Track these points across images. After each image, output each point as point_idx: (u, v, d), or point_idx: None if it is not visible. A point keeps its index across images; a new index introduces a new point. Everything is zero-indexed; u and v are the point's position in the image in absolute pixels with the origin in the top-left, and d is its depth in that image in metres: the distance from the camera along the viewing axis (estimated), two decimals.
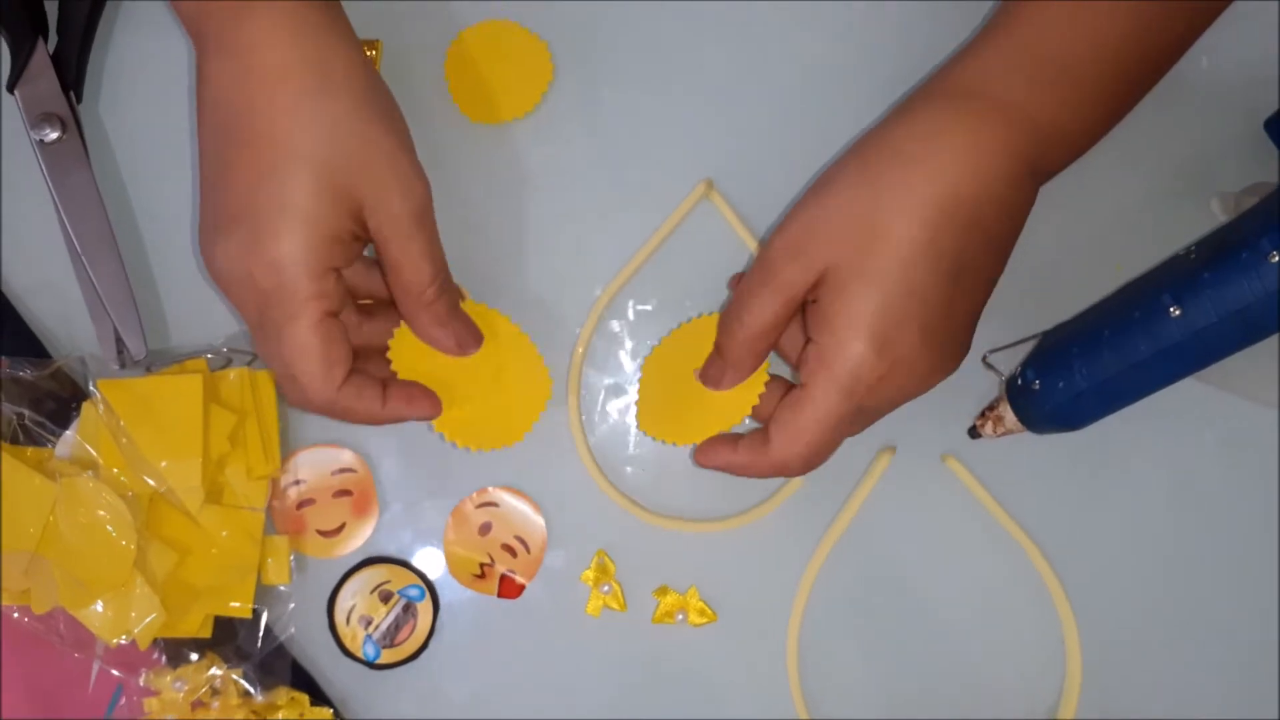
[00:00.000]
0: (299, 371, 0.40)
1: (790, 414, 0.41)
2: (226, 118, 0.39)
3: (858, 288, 0.38)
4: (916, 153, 0.39)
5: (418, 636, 0.50)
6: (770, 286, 0.41)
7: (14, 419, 0.47)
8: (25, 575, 0.46)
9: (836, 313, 0.39)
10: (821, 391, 0.40)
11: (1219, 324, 0.39)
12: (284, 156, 0.38)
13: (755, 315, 0.41)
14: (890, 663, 0.50)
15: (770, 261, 0.41)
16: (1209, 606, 0.50)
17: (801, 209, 0.41)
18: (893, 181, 0.39)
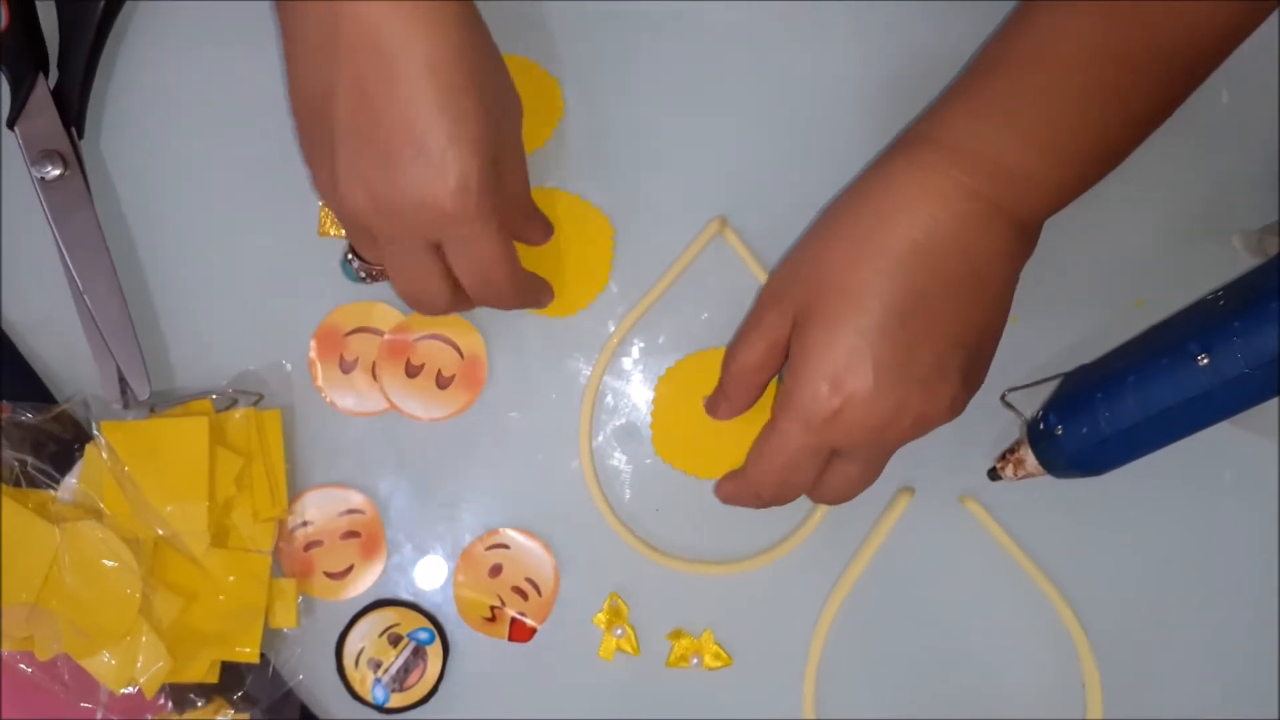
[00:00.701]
0: (496, 274, 0.42)
1: (760, 443, 0.44)
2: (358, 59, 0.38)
3: (815, 330, 0.42)
4: (871, 200, 0.42)
5: (427, 680, 0.49)
6: (756, 329, 0.45)
7: (16, 465, 0.46)
8: (28, 623, 0.46)
9: (795, 353, 0.43)
10: (783, 422, 0.42)
11: (1248, 374, 0.39)
12: (441, 89, 0.38)
13: (744, 354, 0.45)
14: (909, 706, 0.49)
15: (758, 305, 0.45)
16: (1232, 651, 0.49)
17: (787, 257, 0.45)
18: (849, 230, 0.42)
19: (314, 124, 0.40)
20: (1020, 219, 0.42)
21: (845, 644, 0.49)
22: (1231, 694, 0.49)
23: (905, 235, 0.40)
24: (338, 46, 0.38)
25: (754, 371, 0.45)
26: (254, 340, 0.49)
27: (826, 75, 0.50)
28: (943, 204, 0.40)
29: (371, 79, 0.38)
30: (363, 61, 0.38)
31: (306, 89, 0.40)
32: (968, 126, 0.41)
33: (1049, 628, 0.49)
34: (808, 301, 0.42)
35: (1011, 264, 0.42)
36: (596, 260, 0.49)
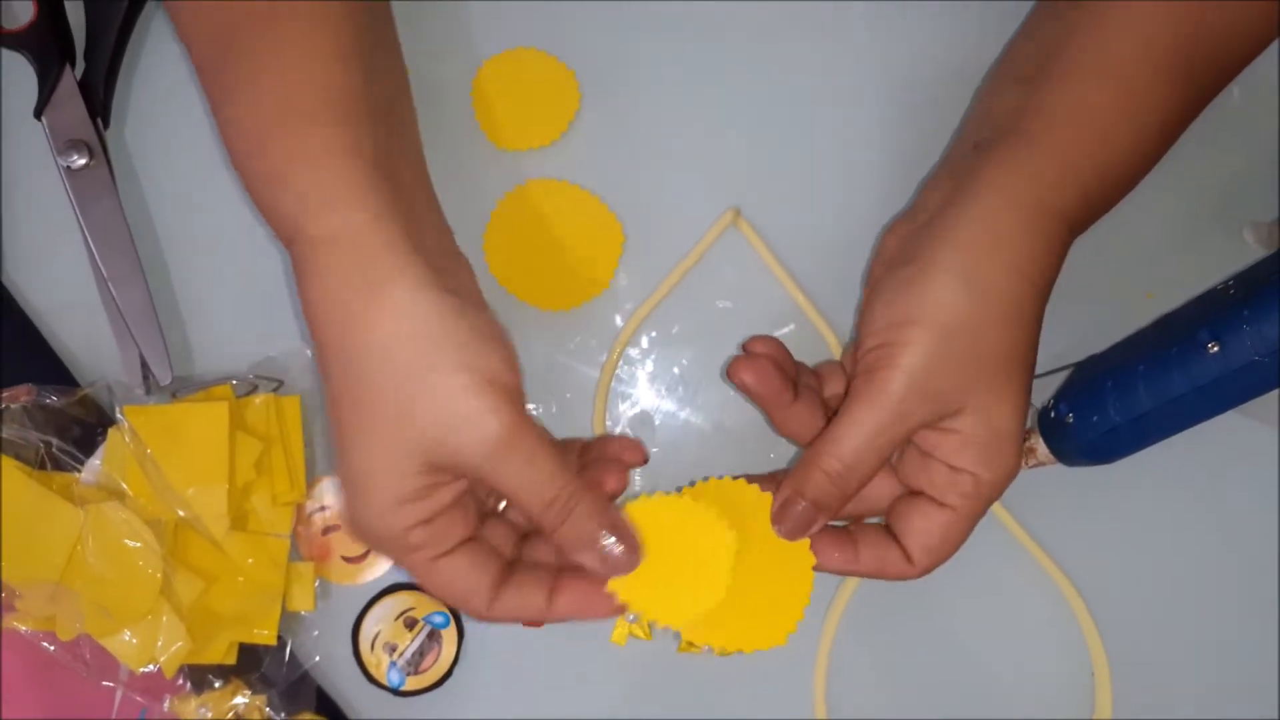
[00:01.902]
0: (448, 600, 0.41)
1: (938, 530, 0.41)
2: (330, 379, 0.38)
3: (1002, 409, 0.39)
4: (1007, 266, 0.39)
5: (442, 663, 0.50)
6: (898, 425, 0.39)
7: (41, 447, 0.47)
8: (51, 602, 0.46)
9: (984, 436, 0.39)
10: (970, 508, 0.40)
11: (1259, 362, 0.39)
12: (348, 425, 0.38)
13: (871, 456, 0.40)
14: (919, 694, 0.50)
15: (896, 401, 0.39)
16: (1244, 640, 0.49)
17: (913, 344, 0.39)
18: (994, 297, 0.39)
19: None
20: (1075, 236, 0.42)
21: (856, 631, 0.49)
22: (1241, 685, 0.49)
23: (1041, 296, 0.40)
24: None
25: (870, 468, 0.40)
26: (274, 327, 0.50)
27: (840, 70, 0.51)
28: (1047, 243, 0.40)
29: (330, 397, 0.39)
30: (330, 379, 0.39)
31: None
32: (1063, 186, 0.40)
33: (1059, 616, 0.49)
34: (979, 383, 0.39)
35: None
36: (605, 253, 0.50)
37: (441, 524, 0.39)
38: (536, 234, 0.50)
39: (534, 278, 0.50)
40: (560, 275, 0.49)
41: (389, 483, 0.38)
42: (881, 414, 0.39)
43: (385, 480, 0.38)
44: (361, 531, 0.39)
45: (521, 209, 0.50)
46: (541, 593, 0.40)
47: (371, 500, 0.38)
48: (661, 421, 0.50)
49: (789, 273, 0.50)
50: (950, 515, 0.41)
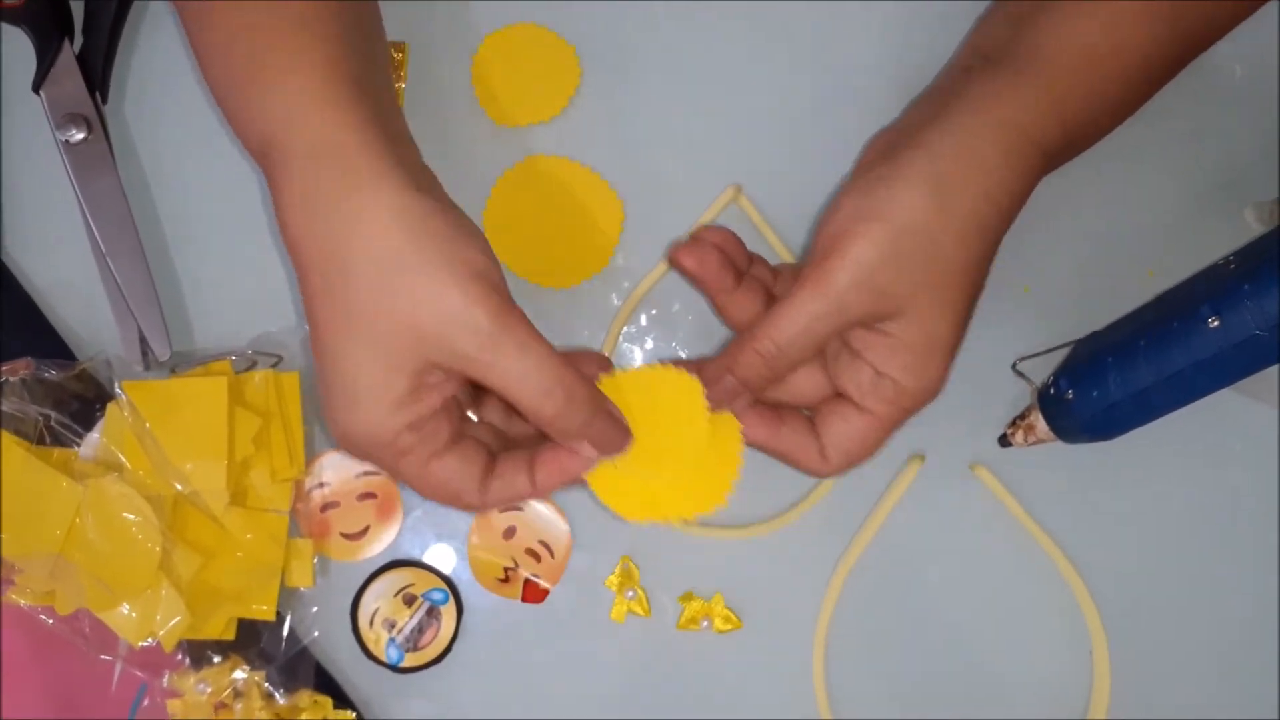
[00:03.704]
0: (437, 500, 0.41)
1: (855, 434, 0.42)
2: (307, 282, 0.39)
3: (940, 321, 0.40)
4: (977, 184, 0.39)
5: (441, 640, 0.50)
6: (836, 316, 0.40)
7: (39, 420, 0.47)
8: (51, 577, 0.46)
9: (917, 343, 0.40)
10: (889, 415, 0.41)
11: (1259, 336, 0.39)
12: (333, 335, 0.38)
13: (805, 342, 0.40)
14: (917, 671, 0.50)
15: (839, 292, 0.39)
16: (1240, 617, 0.49)
17: (866, 237, 0.39)
18: (965, 213, 0.39)
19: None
20: (1047, 171, 0.42)
21: (854, 609, 0.49)
22: (1239, 663, 0.49)
23: (985, 195, 0.39)
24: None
25: (803, 360, 0.41)
26: (273, 303, 0.50)
27: (843, 47, 0.51)
28: (1017, 163, 0.40)
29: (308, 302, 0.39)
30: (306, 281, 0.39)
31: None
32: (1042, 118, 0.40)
33: (1057, 594, 0.49)
34: (915, 283, 0.39)
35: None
36: (605, 230, 0.50)
37: (431, 426, 0.39)
38: (536, 210, 0.49)
39: (534, 254, 0.49)
40: (560, 252, 0.49)
41: (379, 387, 0.38)
42: (822, 301, 0.39)
43: (375, 385, 0.38)
44: (351, 440, 0.39)
45: (521, 185, 0.50)
46: (524, 475, 0.41)
47: (362, 407, 0.38)
48: None
49: (790, 250, 0.50)
50: (869, 421, 0.41)
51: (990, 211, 0.39)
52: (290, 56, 0.38)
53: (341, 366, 0.38)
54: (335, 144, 0.37)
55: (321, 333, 0.38)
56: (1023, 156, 0.40)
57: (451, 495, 0.41)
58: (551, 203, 0.49)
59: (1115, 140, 0.49)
